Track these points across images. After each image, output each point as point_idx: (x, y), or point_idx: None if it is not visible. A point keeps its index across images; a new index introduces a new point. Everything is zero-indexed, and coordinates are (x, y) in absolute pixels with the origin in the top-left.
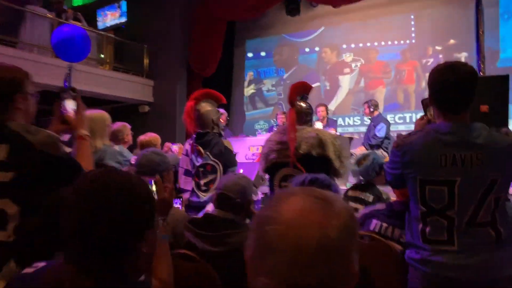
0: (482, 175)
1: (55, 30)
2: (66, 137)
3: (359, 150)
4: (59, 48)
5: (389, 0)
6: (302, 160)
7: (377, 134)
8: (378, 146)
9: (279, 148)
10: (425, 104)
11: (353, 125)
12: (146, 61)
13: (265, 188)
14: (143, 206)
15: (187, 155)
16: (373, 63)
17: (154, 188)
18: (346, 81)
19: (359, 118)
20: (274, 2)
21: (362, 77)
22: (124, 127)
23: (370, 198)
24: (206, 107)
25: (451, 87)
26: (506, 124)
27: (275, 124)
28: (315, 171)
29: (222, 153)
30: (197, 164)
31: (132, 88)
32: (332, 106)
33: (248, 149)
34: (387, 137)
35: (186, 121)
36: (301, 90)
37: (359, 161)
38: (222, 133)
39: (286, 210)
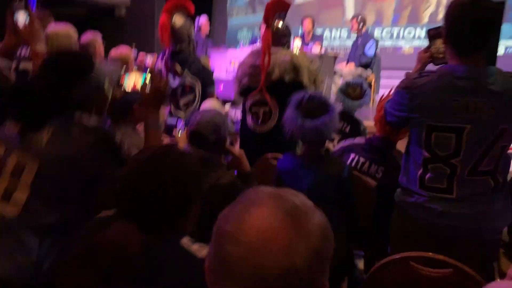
0: (493, 124)
1: None
2: None
3: (347, 68)
4: None
5: None
6: (274, 85)
7: (367, 52)
8: (367, 66)
9: (252, 72)
10: (431, 35)
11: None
12: None
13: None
14: (192, 182)
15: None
16: None
17: (148, 78)
18: None
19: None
20: None
21: None
22: (94, 39)
23: (347, 128)
24: (180, 20)
25: (471, 25)
26: (495, 52)
27: (259, 36)
28: (286, 97)
29: (200, 71)
30: (174, 83)
31: None
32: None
33: (230, 62)
34: (375, 55)
35: (163, 37)
36: (279, 8)
37: (352, 92)
38: (195, 48)
39: (249, 228)
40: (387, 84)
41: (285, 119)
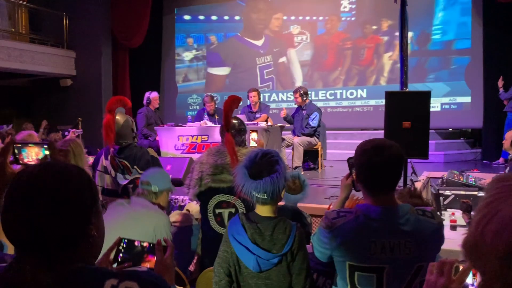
0: (410, 263)
1: None
2: None
3: (294, 140)
4: None
5: None
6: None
7: (311, 123)
8: (311, 135)
9: (214, 172)
10: (350, 163)
11: (286, 100)
12: (65, 30)
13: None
14: (82, 193)
15: (106, 172)
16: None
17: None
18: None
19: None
20: None
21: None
22: (30, 136)
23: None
24: (123, 117)
25: (377, 169)
26: (426, 139)
27: (205, 114)
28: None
29: (149, 163)
30: (124, 181)
31: (51, 60)
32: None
33: (178, 139)
34: (319, 125)
35: (108, 136)
36: (234, 106)
37: (292, 184)
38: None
39: None
40: (334, 145)
41: (235, 176)
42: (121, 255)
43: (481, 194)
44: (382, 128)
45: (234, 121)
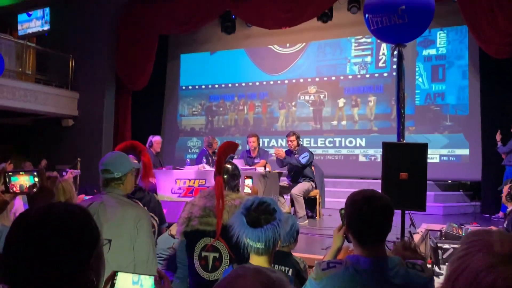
0: None
1: None
2: None
3: (292, 193)
4: None
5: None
6: (224, 230)
7: (301, 160)
8: (307, 178)
9: (202, 215)
10: (342, 214)
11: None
12: (71, 72)
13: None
14: (84, 237)
15: None
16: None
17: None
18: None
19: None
20: (207, 19)
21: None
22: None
23: (289, 271)
24: (134, 161)
25: (367, 220)
26: (424, 191)
27: (206, 155)
28: (233, 242)
29: (156, 207)
30: None
31: (55, 101)
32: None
33: (175, 182)
34: (310, 164)
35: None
36: (229, 151)
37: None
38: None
39: None
40: (332, 193)
41: (232, 222)
42: None
43: None
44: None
45: (228, 166)
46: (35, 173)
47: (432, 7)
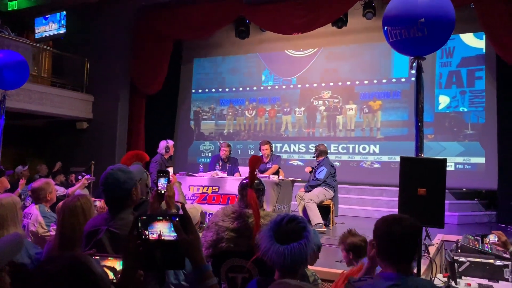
0: None
1: None
2: None
3: (305, 197)
4: None
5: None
6: (252, 250)
7: (317, 176)
8: (318, 186)
9: (232, 237)
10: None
11: (299, 151)
12: (86, 75)
13: None
14: None
15: None
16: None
17: None
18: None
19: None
20: (222, 24)
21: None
22: (47, 184)
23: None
24: (140, 172)
25: (397, 239)
26: (442, 207)
27: (219, 160)
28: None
29: None
30: None
31: (70, 103)
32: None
33: (188, 189)
34: (332, 175)
35: None
36: (257, 164)
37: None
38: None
39: None
40: (345, 199)
41: (260, 239)
42: None
43: (498, 262)
44: (393, 184)
45: (257, 181)
46: None
47: (452, 20)
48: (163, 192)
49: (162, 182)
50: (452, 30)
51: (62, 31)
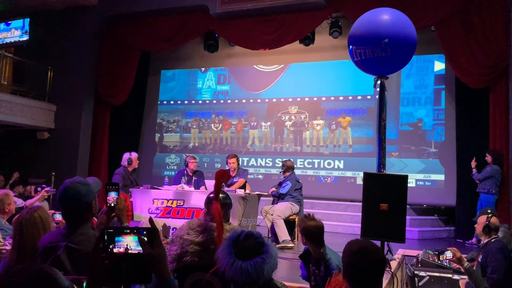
0: None
1: None
2: None
3: (273, 216)
4: None
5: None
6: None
7: (281, 190)
8: (281, 199)
9: (196, 250)
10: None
11: (265, 165)
12: (49, 84)
13: None
14: None
15: None
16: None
17: None
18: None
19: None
20: (191, 37)
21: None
22: (6, 196)
23: None
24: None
25: (361, 271)
26: (403, 223)
27: (185, 175)
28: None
29: None
30: None
31: (31, 112)
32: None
33: (152, 202)
34: (298, 190)
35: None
36: (224, 179)
37: None
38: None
39: None
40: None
41: (218, 255)
42: None
43: (456, 277)
44: (358, 200)
45: (221, 195)
46: None
47: (414, 41)
48: (112, 205)
49: (112, 195)
50: (413, 51)
51: (25, 38)
